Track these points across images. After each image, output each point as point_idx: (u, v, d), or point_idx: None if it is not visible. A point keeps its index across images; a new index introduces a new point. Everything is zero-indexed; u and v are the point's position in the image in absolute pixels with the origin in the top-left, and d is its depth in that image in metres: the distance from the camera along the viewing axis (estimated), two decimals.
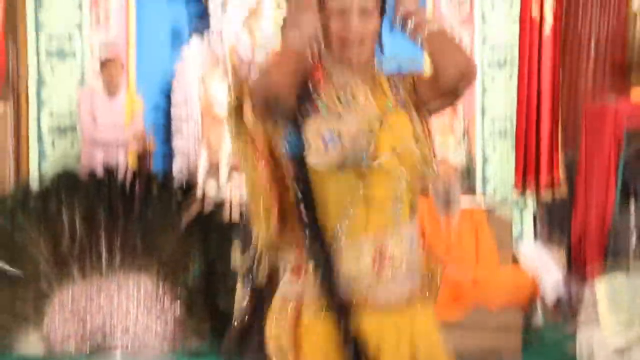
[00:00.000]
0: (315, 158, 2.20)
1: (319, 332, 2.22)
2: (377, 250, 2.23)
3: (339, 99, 2.27)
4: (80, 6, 6.82)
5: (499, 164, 7.07)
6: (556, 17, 6.85)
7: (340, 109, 2.24)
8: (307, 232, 2.23)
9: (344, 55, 2.29)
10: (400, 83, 2.37)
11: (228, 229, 5.94)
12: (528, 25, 6.85)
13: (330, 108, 2.25)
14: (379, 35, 2.34)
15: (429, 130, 2.34)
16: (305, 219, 2.23)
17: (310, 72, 2.29)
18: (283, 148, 2.27)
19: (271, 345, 2.34)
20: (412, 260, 2.29)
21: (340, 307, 2.20)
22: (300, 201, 2.24)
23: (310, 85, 2.28)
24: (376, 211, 2.24)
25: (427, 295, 2.34)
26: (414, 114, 2.31)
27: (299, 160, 2.23)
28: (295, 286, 2.28)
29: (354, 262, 2.23)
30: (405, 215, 2.27)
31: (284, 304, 2.30)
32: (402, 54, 2.50)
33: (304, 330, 2.24)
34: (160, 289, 5.54)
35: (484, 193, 7.06)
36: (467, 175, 7.33)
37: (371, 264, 2.23)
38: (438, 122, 7.77)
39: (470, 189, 7.16)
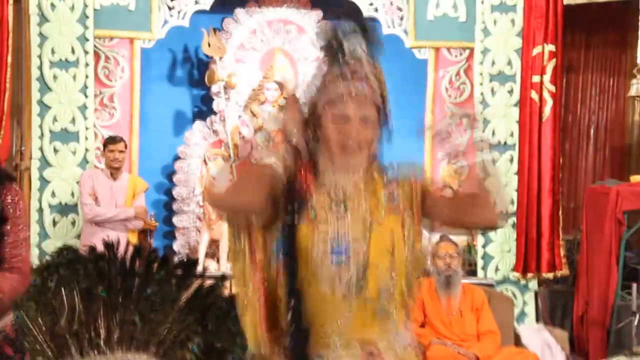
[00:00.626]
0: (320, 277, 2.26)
1: None
2: (366, 352, 2.28)
3: (330, 204, 2.31)
4: (85, 88, 6.90)
5: (499, 243, 7.06)
6: (556, 101, 6.92)
7: (330, 216, 2.29)
8: (293, 338, 2.27)
9: (341, 160, 2.32)
10: (398, 188, 2.39)
11: (228, 303, 5.91)
12: (528, 108, 6.92)
13: (320, 215, 2.30)
14: (378, 143, 2.38)
15: (420, 232, 2.37)
16: (292, 326, 2.27)
17: (297, 178, 2.34)
18: (276, 254, 2.31)
19: None
20: None
21: None
22: (290, 309, 2.27)
23: (298, 190, 2.32)
24: (368, 315, 2.27)
25: None
26: (407, 218, 2.35)
27: (291, 263, 2.27)
28: None
29: None
30: (399, 319, 2.32)
31: None
32: (402, 159, 2.51)
33: None
34: None
35: (485, 272, 7.04)
36: (469, 254, 7.33)
37: None
38: None
39: (472, 268, 7.14)
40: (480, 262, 7.08)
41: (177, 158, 8.16)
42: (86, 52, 6.90)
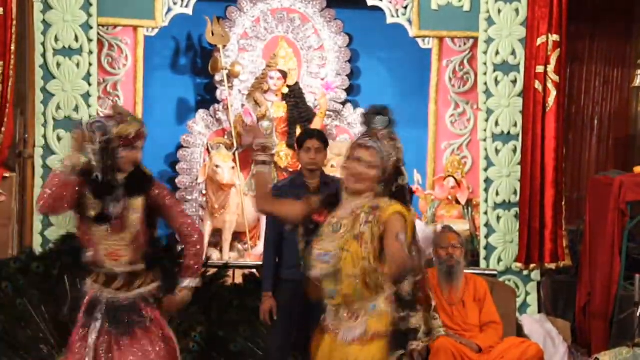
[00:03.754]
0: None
1: None
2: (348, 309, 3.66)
3: (331, 227, 3.67)
4: (88, 76, 6.89)
5: (502, 233, 7.06)
6: (559, 91, 6.90)
7: (328, 235, 3.66)
8: None
9: (349, 187, 3.69)
10: (372, 220, 3.57)
11: (231, 293, 5.92)
12: (532, 98, 6.89)
13: (324, 235, 3.67)
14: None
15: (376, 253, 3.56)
16: None
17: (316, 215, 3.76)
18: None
19: None
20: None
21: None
22: None
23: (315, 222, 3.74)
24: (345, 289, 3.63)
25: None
26: (366, 242, 3.55)
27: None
28: None
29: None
30: (367, 293, 3.60)
31: None
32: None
33: None
34: None
35: (487, 262, 7.04)
36: (471, 244, 7.33)
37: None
38: (443, 193, 7.81)
39: (474, 258, 7.15)
40: (482, 253, 7.08)
41: (180, 147, 8.17)
42: (90, 40, 6.89)
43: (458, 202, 7.81)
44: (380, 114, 3.66)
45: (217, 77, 8.20)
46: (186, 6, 7.29)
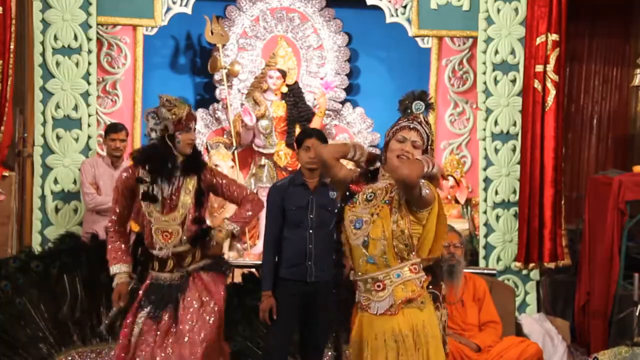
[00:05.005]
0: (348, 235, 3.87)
1: None
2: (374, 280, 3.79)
3: (365, 197, 3.84)
4: (88, 75, 6.89)
5: (502, 233, 7.06)
6: (559, 90, 6.90)
7: (362, 203, 3.83)
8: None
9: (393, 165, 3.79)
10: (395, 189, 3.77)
11: (230, 292, 5.91)
12: (531, 98, 6.90)
13: (359, 203, 3.85)
14: None
15: (406, 218, 3.74)
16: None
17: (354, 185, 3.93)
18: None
19: None
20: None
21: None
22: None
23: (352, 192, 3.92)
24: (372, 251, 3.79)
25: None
26: (395, 209, 3.73)
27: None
28: None
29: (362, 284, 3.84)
30: (393, 261, 3.76)
31: None
32: None
33: None
34: None
35: (487, 262, 7.04)
36: (471, 243, 7.33)
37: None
38: (442, 192, 7.81)
39: (474, 258, 7.15)
40: (482, 252, 7.09)
41: None
42: (89, 39, 6.89)
43: (457, 202, 7.81)
44: (420, 99, 3.94)
45: (217, 76, 8.20)
46: (185, 5, 7.29)
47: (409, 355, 3.71)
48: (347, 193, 3.95)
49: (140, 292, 4.63)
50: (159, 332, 4.47)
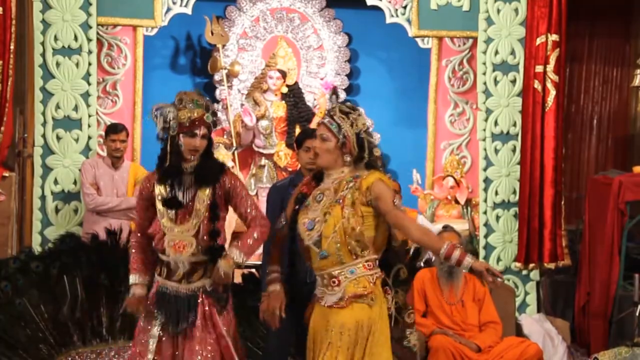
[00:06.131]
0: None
1: None
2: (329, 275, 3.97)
3: (315, 198, 4.02)
4: (88, 75, 6.89)
5: (502, 233, 7.06)
6: (559, 91, 6.90)
7: (313, 205, 4.01)
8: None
9: (316, 164, 4.13)
10: (352, 186, 3.91)
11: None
12: (531, 98, 6.89)
13: (310, 204, 4.02)
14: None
15: (358, 216, 3.88)
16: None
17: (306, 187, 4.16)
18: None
19: None
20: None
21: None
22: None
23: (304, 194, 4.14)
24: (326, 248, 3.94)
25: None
26: (347, 207, 3.88)
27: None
28: None
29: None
30: (347, 257, 3.91)
31: None
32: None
33: None
34: None
35: (487, 262, 7.04)
36: (471, 244, 7.33)
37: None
38: (442, 192, 7.81)
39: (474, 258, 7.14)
40: (482, 252, 7.09)
41: None
42: (89, 40, 6.89)
43: (457, 202, 7.81)
44: (333, 94, 4.46)
45: (217, 77, 8.20)
46: (185, 6, 7.28)
47: (345, 349, 3.86)
48: (299, 196, 4.13)
49: (148, 302, 4.34)
50: (177, 353, 4.26)
